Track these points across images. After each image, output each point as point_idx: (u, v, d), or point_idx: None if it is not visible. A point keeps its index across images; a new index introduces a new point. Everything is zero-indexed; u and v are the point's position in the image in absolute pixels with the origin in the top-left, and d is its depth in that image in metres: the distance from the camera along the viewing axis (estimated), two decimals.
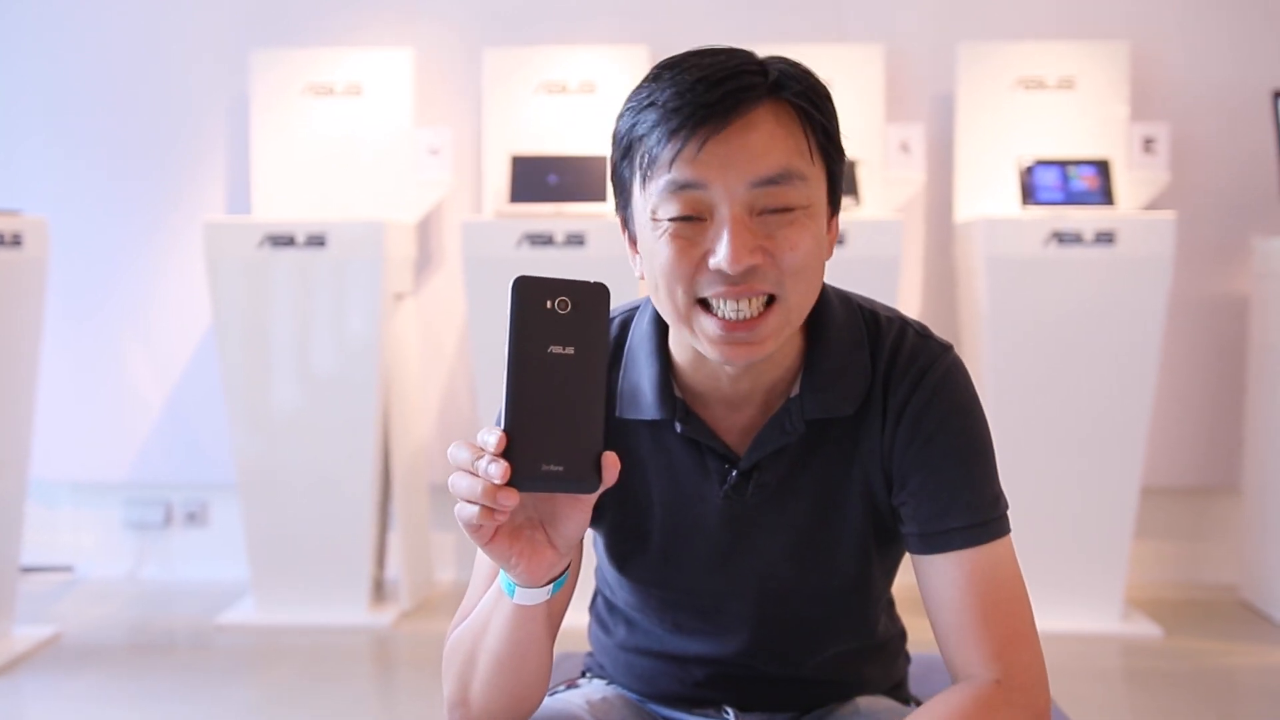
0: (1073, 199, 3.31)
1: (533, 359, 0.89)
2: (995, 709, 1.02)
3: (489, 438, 0.88)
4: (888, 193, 3.63)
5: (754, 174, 0.98)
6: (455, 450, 0.91)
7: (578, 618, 1.31)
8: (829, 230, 1.06)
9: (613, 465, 0.90)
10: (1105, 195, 3.31)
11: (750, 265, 0.99)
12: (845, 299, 1.15)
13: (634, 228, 1.06)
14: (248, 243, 3.28)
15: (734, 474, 1.11)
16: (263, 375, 3.33)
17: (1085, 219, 3.15)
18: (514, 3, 3.80)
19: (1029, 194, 3.32)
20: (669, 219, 1.00)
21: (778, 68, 1.01)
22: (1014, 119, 3.53)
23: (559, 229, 3.20)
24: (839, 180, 1.06)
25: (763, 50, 1.05)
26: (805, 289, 1.03)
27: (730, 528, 1.13)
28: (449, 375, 3.83)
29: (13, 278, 3.03)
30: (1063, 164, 3.35)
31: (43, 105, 3.88)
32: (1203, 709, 2.77)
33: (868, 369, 1.11)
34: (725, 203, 0.99)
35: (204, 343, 3.84)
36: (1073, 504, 3.20)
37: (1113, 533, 3.21)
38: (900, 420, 1.09)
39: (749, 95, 0.98)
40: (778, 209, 1.00)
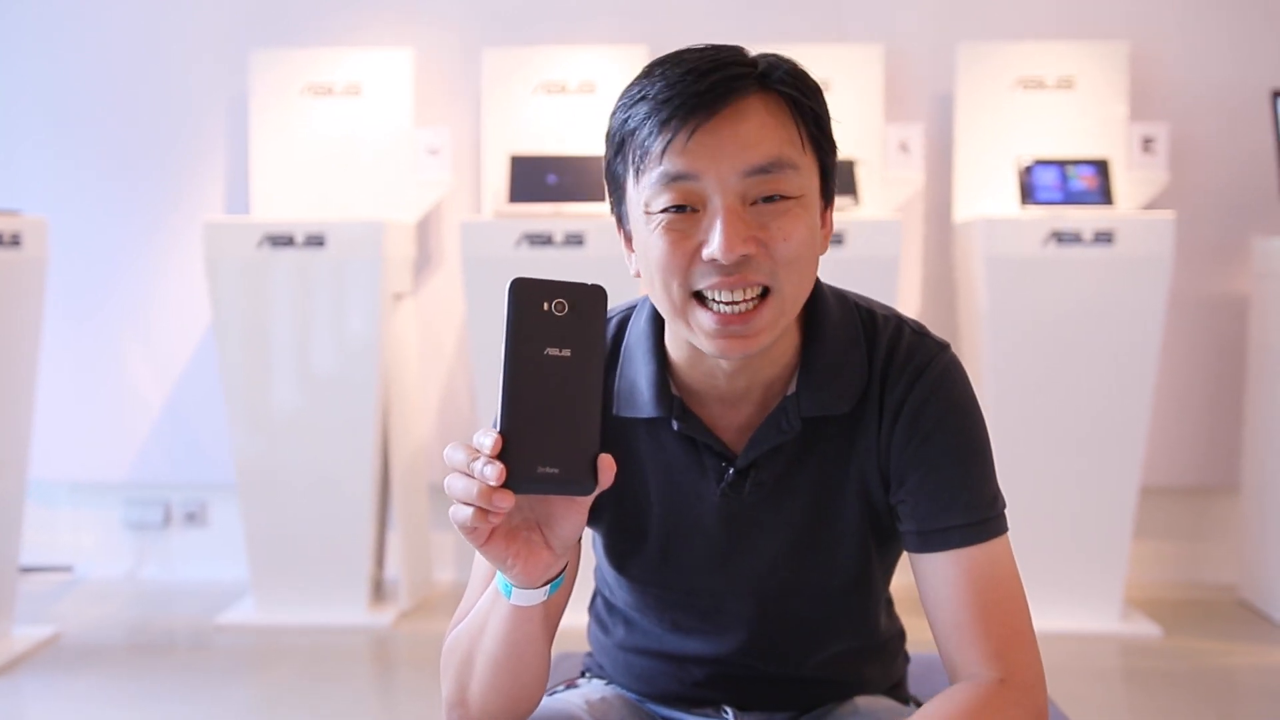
0: (1072, 199, 3.31)
1: (529, 361, 0.89)
2: (1002, 709, 1.02)
3: (485, 440, 0.88)
4: (887, 193, 3.63)
5: (746, 163, 0.99)
6: (451, 452, 0.91)
7: (577, 618, 1.31)
8: (823, 223, 1.07)
9: (609, 467, 0.90)
10: (1104, 195, 3.31)
11: (744, 255, 0.99)
12: (841, 297, 1.15)
13: (629, 224, 1.07)
14: (247, 243, 3.28)
15: (731, 472, 1.11)
16: (262, 375, 3.34)
17: (1084, 219, 3.15)
18: (514, 3, 3.79)
19: (1028, 194, 3.32)
20: (662, 210, 1.00)
21: (767, 59, 1.02)
22: (1013, 119, 3.53)
23: (558, 229, 3.20)
24: (831, 172, 1.06)
25: (762, 50, 1.05)
26: (799, 280, 1.03)
27: (728, 526, 1.14)
28: (448, 375, 3.83)
29: (12, 278, 3.03)
30: (1062, 164, 3.35)
31: (42, 105, 3.88)
32: (1202, 709, 2.77)
33: (864, 367, 1.11)
34: (718, 193, 0.99)
35: (204, 343, 3.84)
36: (1072, 504, 3.20)
37: (1112, 532, 3.21)
38: (897, 418, 1.09)
39: (738, 85, 0.99)
40: (770, 198, 1.00)
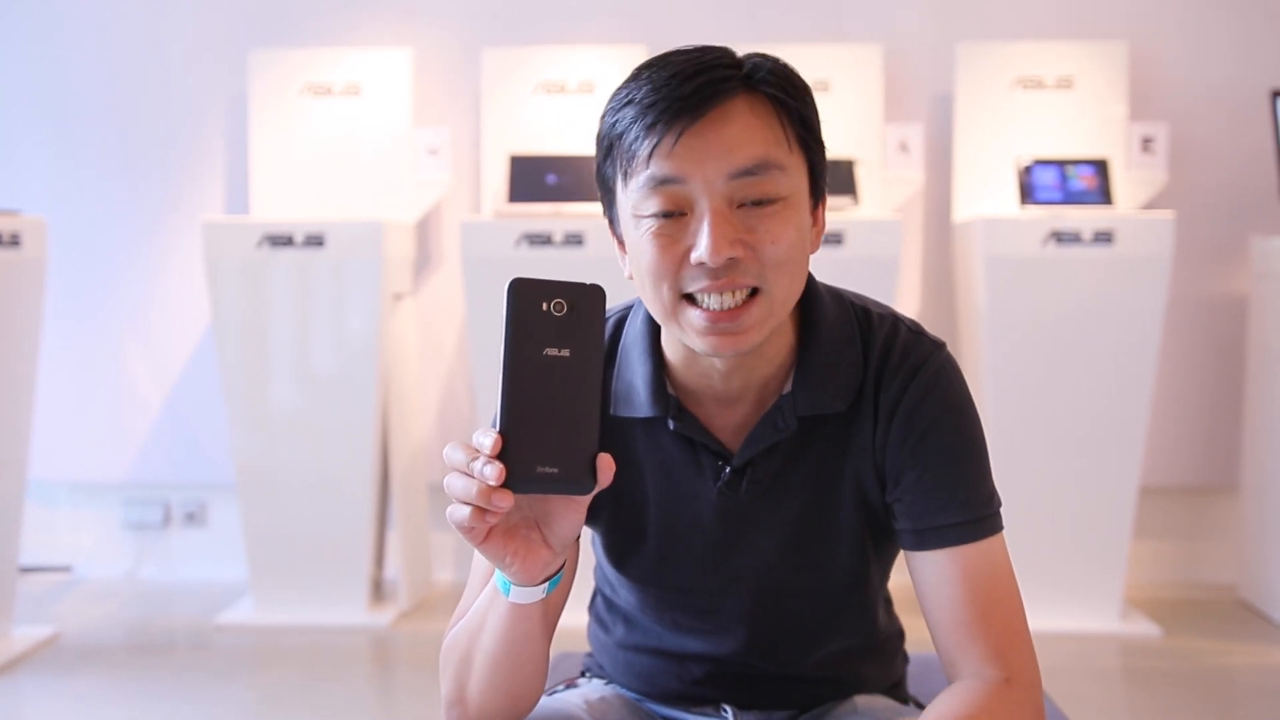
0: (1071, 199, 3.31)
1: (528, 361, 0.89)
2: (1010, 709, 1.02)
3: (484, 439, 0.89)
4: (886, 193, 3.63)
5: (731, 165, 0.99)
6: (450, 451, 0.91)
7: (577, 618, 1.31)
8: (815, 222, 1.07)
9: (608, 467, 0.90)
10: (1104, 195, 3.31)
11: (731, 258, 0.99)
12: (837, 295, 1.15)
13: (620, 228, 1.07)
14: (246, 243, 3.28)
15: (727, 471, 1.11)
16: (262, 375, 3.34)
17: (1084, 219, 3.15)
18: (513, 3, 3.80)
19: (1027, 194, 3.32)
20: (650, 215, 1.01)
21: (753, 60, 1.02)
22: (1013, 119, 3.53)
23: (558, 229, 3.20)
24: (821, 171, 1.06)
25: (760, 50, 1.05)
26: (788, 281, 1.03)
27: (725, 525, 1.14)
28: (448, 375, 3.83)
29: (12, 278, 3.03)
30: (1061, 164, 3.35)
31: (42, 105, 3.88)
32: (1201, 709, 2.77)
33: (859, 366, 1.11)
34: (704, 196, 0.99)
35: (203, 343, 3.84)
36: (1071, 504, 3.20)
37: (1111, 532, 3.21)
38: (893, 417, 1.10)
39: (723, 87, 0.99)
40: (758, 201, 1.00)
